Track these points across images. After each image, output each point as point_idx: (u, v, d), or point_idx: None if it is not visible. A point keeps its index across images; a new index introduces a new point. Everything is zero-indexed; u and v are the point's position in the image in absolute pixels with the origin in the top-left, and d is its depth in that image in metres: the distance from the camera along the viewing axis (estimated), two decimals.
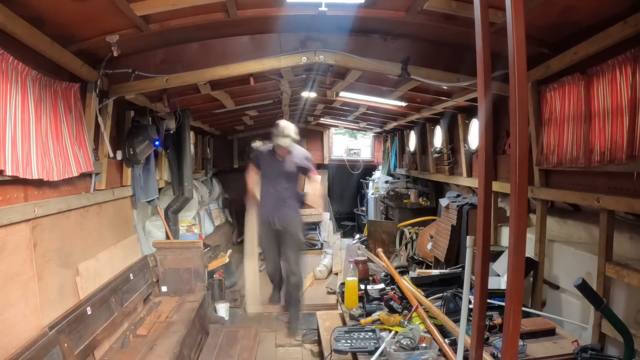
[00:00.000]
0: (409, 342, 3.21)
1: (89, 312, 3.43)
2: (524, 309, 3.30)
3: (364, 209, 11.57)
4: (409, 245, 7.34)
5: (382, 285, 4.58)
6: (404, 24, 3.81)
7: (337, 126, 11.56)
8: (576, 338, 3.25)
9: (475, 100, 4.83)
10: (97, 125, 3.96)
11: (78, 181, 3.66)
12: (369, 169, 11.99)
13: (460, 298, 3.84)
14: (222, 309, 5.63)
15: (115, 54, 3.39)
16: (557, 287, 4.08)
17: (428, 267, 6.44)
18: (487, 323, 3.25)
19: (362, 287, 4.37)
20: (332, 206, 11.22)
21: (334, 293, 5.36)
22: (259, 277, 5.92)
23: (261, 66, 4.25)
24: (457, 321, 3.65)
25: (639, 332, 2.92)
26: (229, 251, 6.41)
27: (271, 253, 5.49)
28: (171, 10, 3.19)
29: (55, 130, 3.21)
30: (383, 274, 5.01)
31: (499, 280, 4.34)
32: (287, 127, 5.09)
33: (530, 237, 4.13)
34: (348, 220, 12.04)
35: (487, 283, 2.66)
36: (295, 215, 5.38)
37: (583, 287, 2.13)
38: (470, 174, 6.17)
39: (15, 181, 2.79)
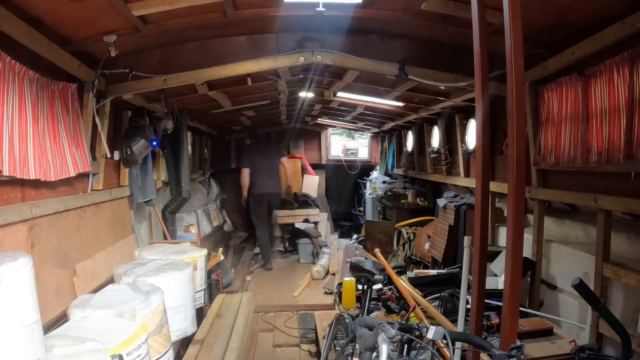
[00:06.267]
0: None
1: None
2: (521, 309, 3.30)
3: (361, 209, 11.57)
4: (407, 246, 7.34)
5: (379, 286, 4.58)
6: (401, 24, 3.81)
7: (334, 126, 11.57)
8: (574, 338, 3.26)
9: (472, 100, 4.83)
10: (95, 126, 3.94)
11: (75, 181, 3.65)
12: (366, 169, 12.00)
13: (458, 298, 3.84)
14: None
15: (112, 54, 3.37)
16: (554, 287, 4.09)
17: (425, 267, 6.44)
18: (484, 323, 3.25)
19: (360, 287, 4.36)
20: (330, 206, 11.21)
21: (331, 293, 5.36)
22: None
23: (258, 66, 4.25)
24: (454, 321, 3.67)
25: (636, 332, 2.93)
26: (220, 249, 6.39)
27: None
28: (168, 11, 3.18)
29: (52, 130, 3.20)
30: None
31: (496, 280, 4.35)
32: None
33: (528, 237, 4.14)
34: (345, 220, 12.03)
35: (484, 283, 2.68)
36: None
37: (580, 287, 2.13)
38: (467, 174, 6.18)
39: (13, 181, 2.78)
